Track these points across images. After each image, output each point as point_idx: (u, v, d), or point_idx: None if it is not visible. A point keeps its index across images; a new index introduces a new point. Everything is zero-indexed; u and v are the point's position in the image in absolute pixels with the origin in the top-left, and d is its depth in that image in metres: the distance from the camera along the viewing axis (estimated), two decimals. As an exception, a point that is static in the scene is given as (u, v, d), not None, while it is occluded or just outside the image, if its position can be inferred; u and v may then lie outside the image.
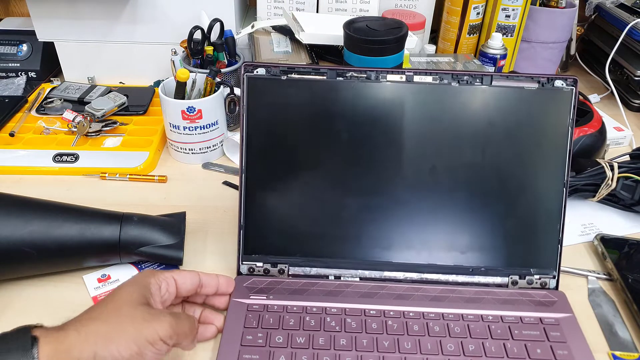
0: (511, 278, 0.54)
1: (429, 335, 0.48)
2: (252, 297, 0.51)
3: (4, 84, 0.90)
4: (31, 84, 0.91)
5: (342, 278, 0.54)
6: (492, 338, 0.48)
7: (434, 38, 1.00)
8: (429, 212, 0.54)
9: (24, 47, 0.94)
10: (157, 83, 0.90)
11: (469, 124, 0.53)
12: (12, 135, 0.76)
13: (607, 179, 0.63)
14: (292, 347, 0.47)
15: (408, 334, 0.48)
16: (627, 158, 0.68)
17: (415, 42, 0.79)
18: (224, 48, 0.80)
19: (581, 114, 0.71)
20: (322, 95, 0.53)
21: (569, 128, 0.52)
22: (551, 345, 0.48)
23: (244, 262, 0.54)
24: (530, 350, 0.47)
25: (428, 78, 0.53)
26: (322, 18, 0.87)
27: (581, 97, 0.79)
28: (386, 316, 0.50)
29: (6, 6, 1.06)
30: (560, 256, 0.53)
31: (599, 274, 0.58)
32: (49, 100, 0.83)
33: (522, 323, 0.50)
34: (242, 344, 0.47)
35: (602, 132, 0.71)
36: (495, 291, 0.53)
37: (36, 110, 0.82)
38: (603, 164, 0.64)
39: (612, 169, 0.63)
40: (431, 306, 0.51)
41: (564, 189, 0.53)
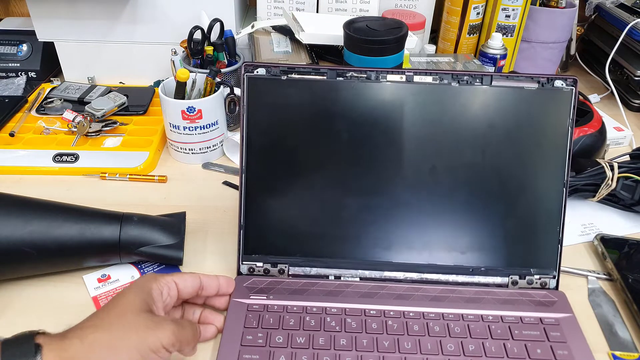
0: (511, 278, 0.54)
1: (429, 335, 0.48)
2: (252, 297, 0.52)
3: (4, 84, 0.90)
4: (31, 84, 0.91)
5: (342, 278, 0.54)
6: (492, 338, 0.48)
7: (434, 38, 1.00)
8: (429, 212, 0.54)
9: (24, 47, 0.93)
10: (157, 83, 0.90)
11: (469, 124, 0.53)
12: (12, 135, 0.76)
13: (607, 179, 0.63)
14: (292, 347, 0.47)
15: (408, 334, 0.48)
16: (627, 158, 0.68)
17: (415, 42, 0.79)
18: (224, 48, 0.80)
19: (581, 114, 0.71)
20: (322, 95, 0.53)
21: (569, 128, 0.52)
22: (551, 345, 0.48)
23: (244, 262, 0.54)
24: (530, 350, 0.47)
25: (428, 78, 0.53)
26: (322, 18, 0.87)
27: (581, 97, 0.79)
28: (386, 316, 0.50)
29: (6, 6, 1.06)
30: (560, 256, 0.53)
31: (599, 274, 0.58)
32: (49, 100, 0.83)
33: (522, 323, 0.50)
34: (242, 344, 0.47)
35: (602, 132, 0.71)
36: (495, 291, 0.53)
37: (36, 110, 0.82)
38: (603, 164, 0.64)
39: (612, 169, 0.63)
40: (431, 306, 0.51)
41: (564, 189, 0.53)
